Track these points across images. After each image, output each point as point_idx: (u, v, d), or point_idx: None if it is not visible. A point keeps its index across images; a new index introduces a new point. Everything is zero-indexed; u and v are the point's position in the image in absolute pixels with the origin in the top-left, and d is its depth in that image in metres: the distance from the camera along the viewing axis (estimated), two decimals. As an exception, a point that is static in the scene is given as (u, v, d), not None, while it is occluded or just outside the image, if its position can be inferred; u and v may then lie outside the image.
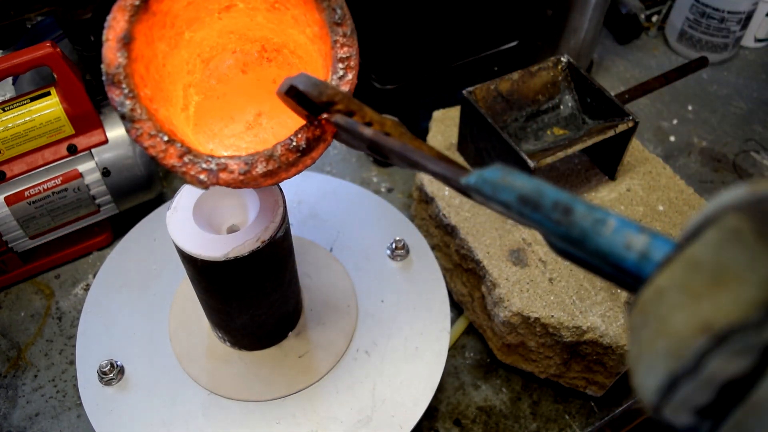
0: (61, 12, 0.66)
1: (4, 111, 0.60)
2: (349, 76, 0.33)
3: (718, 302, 0.15)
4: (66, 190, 0.64)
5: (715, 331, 0.14)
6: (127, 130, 0.33)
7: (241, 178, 0.32)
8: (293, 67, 0.42)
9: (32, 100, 0.61)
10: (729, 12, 0.89)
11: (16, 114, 0.60)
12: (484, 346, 0.64)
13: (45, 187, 0.63)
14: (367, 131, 0.28)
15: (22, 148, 0.61)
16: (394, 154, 0.27)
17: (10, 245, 0.65)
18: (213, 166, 0.32)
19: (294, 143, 0.32)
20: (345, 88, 0.33)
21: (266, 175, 0.33)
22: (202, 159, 0.33)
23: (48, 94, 0.61)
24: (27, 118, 0.60)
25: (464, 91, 0.61)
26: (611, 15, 0.97)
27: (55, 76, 0.60)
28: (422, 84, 0.73)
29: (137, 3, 0.33)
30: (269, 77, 0.42)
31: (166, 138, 0.33)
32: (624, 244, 0.19)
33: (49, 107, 0.61)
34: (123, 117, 0.33)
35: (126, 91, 0.33)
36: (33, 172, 0.63)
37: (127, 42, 0.33)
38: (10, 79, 0.71)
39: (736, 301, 0.14)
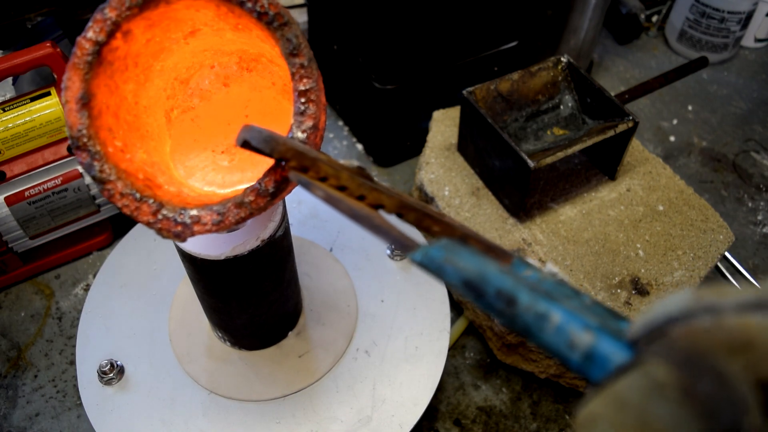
0: (61, 12, 0.66)
1: (4, 111, 0.60)
2: (312, 109, 0.32)
3: None
4: (66, 190, 0.64)
5: None
6: (100, 191, 0.33)
7: (215, 228, 0.32)
8: (274, 75, 0.41)
9: (32, 100, 0.61)
10: (729, 12, 0.89)
11: (16, 114, 0.60)
12: (484, 346, 0.64)
13: (45, 187, 0.63)
14: (319, 192, 0.27)
15: (22, 148, 0.61)
16: (346, 215, 0.27)
17: (10, 245, 0.65)
18: (187, 219, 0.32)
19: (263, 188, 0.32)
20: (309, 122, 0.32)
21: (238, 221, 0.32)
22: (176, 213, 0.33)
23: (48, 94, 0.62)
24: (27, 118, 0.60)
25: (464, 91, 0.61)
26: (611, 15, 0.97)
27: (55, 76, 0.60)
28: (422, 84, 0.73)
29: (88, 59, 0.32)
30: (252, 87, 0.41)
31: (138, 196, 0.33)
32: (567, 343, 0.18)
33: (49, 107, 0.61)
34: (93, 179, 0.33)
35: (93, 152, 0.32)
36: (33, 172, 0.63)
37: (86, 101, 0.32)
38: (10, 79, 0.71)
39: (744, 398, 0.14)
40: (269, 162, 0.32)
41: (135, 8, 0.32)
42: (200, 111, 0.41)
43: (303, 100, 0.32)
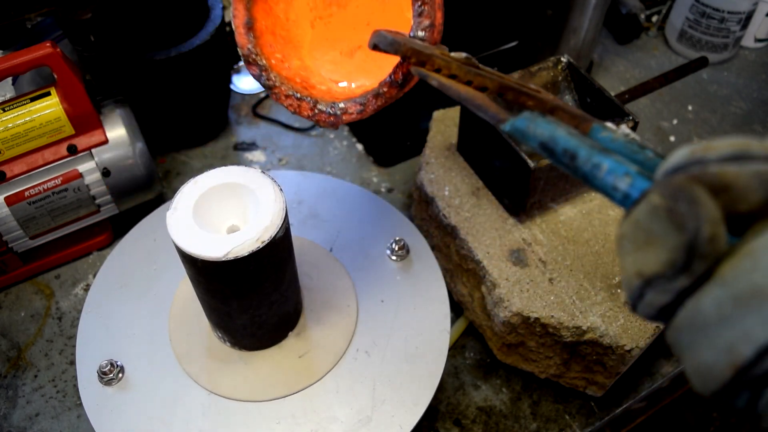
0: (61, 12, 0.66)
1: (4, 111, 0.60)
2: (427, 10, 0.37)
3: (647, 257, 0.21)
4: (66, 190, 0.64)
5: (645, 277, 0.21)
6: (268, 95, 0.42)
7: (359, 116, 0.40)
8: None
9: (32, 100, 0.61)
10: (729, 12, 0.89)
11: (16, 114, 0.60)
12: (484, 346, 0.64)
13: (45, 187, 0.63)
14: (434, 81, 0.34)
15: (22, 148, 0.61)
16: (454, 98, 0.33)
17: (10, 245, 0.65)
18: (337, 111, 0.40)
19: (393, 79, 0.38)
20: (426, 21, 0.37)
21: (376, 109, 0.40)
22: (328, 106, 0.40)
23: (48, 94, 0.62)
24: (27, 118, 0.60)
25: (464, 91, 0.61)
26: (611, 15, 0.97)
27: (55, 76, 0.60)
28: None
29: None
30: None
31: (298, 95, 0.41)
32: (612, 185, 0.23)
33: (49, 107, 0.61)
34: (263, 86, 0.42)
35: (261, 65, 0.42)
36: (33, 172, 0.63)
37: (250, 25, 0.41)
38: (10, 79, 0.71)
39: (656, 259, 0.20)
40: (385, 61, 0.38)
41: None
42: (336, 17, 0.47)
43: (419, 3, 0.37)
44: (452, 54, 0.35)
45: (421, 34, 0.37)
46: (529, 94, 0.32)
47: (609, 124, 0.28)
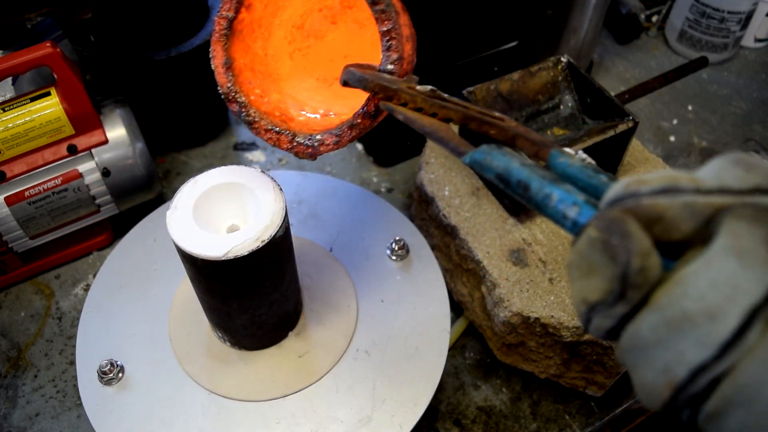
0: (61, 12, 0.66)
1: (4, 111, 0.60)
2: (394, 44, 0.39)
3: (590, 285, 0.22)
4: (66, 190, 0.64)
5: (589, 303, 0.22)
6: (249, 129, 0.44)
7: (336, 146, 0.41)
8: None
9: (32, 100, 0.61)
10: (729, 12, 0.89)
11: (16, 114, 0.60)
12: (484, 346, 0.64)
13: (45, 187, 0.63)
14: (400, 116, 0.36)
15: (22, 148, 0.61)
16: (419, 131, 0.35)
17: (10, 245, 0.65)
18: (315, 143, 0.42)
19: (366, 110, 0.40)
20: (394, 55, 0.39)
21: (351, 140, 0.41)
22: (306, 139, 0.42)
23: (48, 94, 0.61)
24: (27, 118, 0.60)
25: (464, 91, 0.61)
26: (611, 15, 0.97)
27: (55, 76, 0.60)
28: (422, 84, 0.73)
29: (224, 32, 0.42)
30: (354, 21, 0.48)
31: (277, 129, 0.43)
32: (562, 214, 0.25)
33: (49, 107, 0.61)
34: (244, 122, 0.44)
35: (240, 102, 0.43)
36: (33, 172, 0.63)
37: (229, 65, 0.43)
38: (10, 79, 0.71)
39: (597, 288, 0.22)
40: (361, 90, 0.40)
41: None
42: (314, 49, 0.49)
43: (387, 38, 0.39)
44: (418, 87, 0.37)
45: (390, 67, 0.39)
46: (491, 123, 0.34)
47: (567, 150, 0.29)
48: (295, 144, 0.43)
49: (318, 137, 0.42)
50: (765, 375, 0.18)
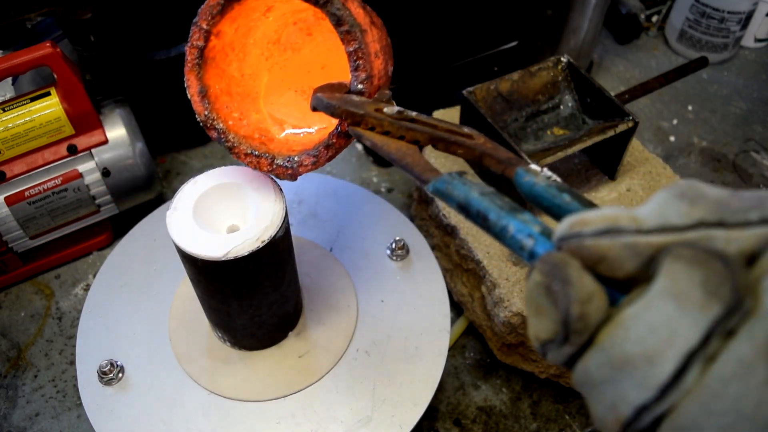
0: (61, 12, 0.66)
1: (4, 111, 0.60)
2: (362, 64, 0.39)
3: (539, 324, 0.23)
4: (66, 190, 0.64)
5: (540, 341, 0.23)
6: (230, 155, 0.44)
7: (314, 166, 0.42)
8: None
9: (32, 100, 0.61)
10: (729, 12, 0.89)
11: (16, 114, 0.60)
12: (484, 346, 0.64)
13: (45, 187, 0.63)
14: (367, 141, 0.36)
15: (22, 148, 0.61)
16: (386, 158, 0.36)
17: (10, 245, 0.65)
18: (294, 164, 0.42)
19: (340, 130, 0.40)
20: (363, 74, 0.39)
21: (328, 159, 0.42)
22: (285, 160, 0.43)
23: (48, 94, 0.61)
24: (27, 118, 0.60)
25: (464, 91, 0.61)
26: (611, 15, 0.97)
27: (55, 76, 0.60)
28: (422, 84, 0.73)
29: (197, 61, 0.42)
30: (330, 30, 0.47)
31: (256, 153, 0.43)
32: (519, 246, 0.26)
33: (49, 107, 0.61)
34: (224, 147, 0.44)
35: (219, 129, 0.44)
36: (33, 172, 0.63)
37: (204, 93, 0.43)
38: (10, 79, 0.71)
39: (545, 328, 0.22)
40: None
41: (218, 15, 0.41)
42: (291, 61, 0.48)
43: (354, 58, 0.39)
44: (385, 110, 0.37)
45: (360, 86, 0.39)
46: (458, 142, 0.34)
47: (533, 167, 0.30)
48: (275, 167, 0.43)
49: (296, 159, 0.42)
50: (702, 416, 0.19)
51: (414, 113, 0.37)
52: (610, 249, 0.22)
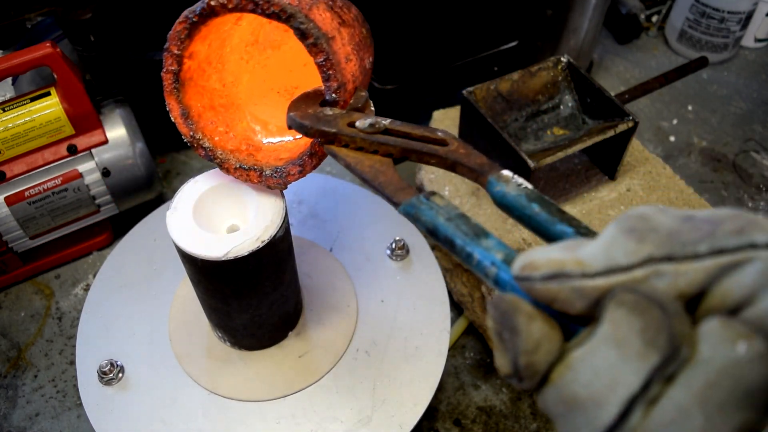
0: (61, 12, 0.66)
1: (4, 111, 0.60)
2: (332, 74, 0.38)
3: (499, 360, 0.24)
4: (66, 190, 0.64)
5: (503, 375, 0.24)
6: (221, 170, 0.45)
7: (301, 175, 0.43)
8: None
9: (32, 100, 0.61)
10: (729, 12, 0.89)
11: (16, 114, 0.60)
12: (484, 346, 0.64)
13: (45, 187, 0.63)
14: (341, 161, 0.36)
15: (22, 148, 0.61)
16: (359, 178, 0.35)
17: (10, 245, 0.65)
18: (282, 174, 0.43)
19: (314, 150, 0.41)
20: (334, 84, 0.38)
21: (314, 167, 0.42)
22: (273, 171, 0.43)
23: (48, 94, 0.62)
24: (27, 118, 0.60)
25: (464, 91, 0.61)
26: (611, 15, 0.97)
27: (55, 76, 0.60)
28: (422, 84, 0.73)
29: (174, 85, 0.42)
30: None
31: (246, 167, 0.44)
32: (483, 273, 0.26)
33: (49, 107, 0.61)
34: (215, 164, 0.44)
35: (206, 147, 0.44)
36: (33, 172, 0.63)
37: (186, 115, 0.43)
38: (10, 79, 0.71)
39: (503, 365, 0.24)
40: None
41: (186, 39, 0.40)
42: (272, 60, 0.48)
43: (323, 69, 0.38)
44: (358, 123, 0.37)
45: (333, 96, 0.39)
46: (431, 153, 0.34)
47: (505, 172, 0.30)
48: (264, 178, 0.44)
49: (284, 168, 0.43)
50: None
51: (387, 121, 0.36)
52: (559, 292, 0.22)
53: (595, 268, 0.22)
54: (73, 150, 0.63)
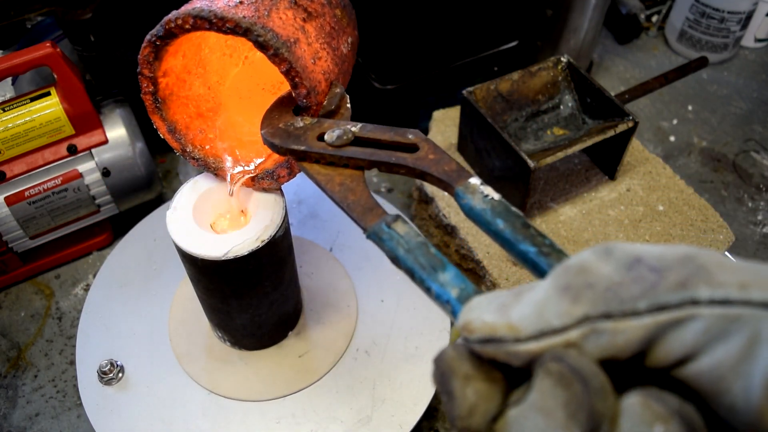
0: (61, 12, 0.66)
1: (4, 111, 0.60)
2: (299, 81, 0.38)
3: (447, 408, 0.24)
4: (66, 190, 0.64)
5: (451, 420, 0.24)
6: (216, 176, 0.45)
7: (289, 177, 0.44)
8: None
9: (32, 100, 0.61)
10: (729, 12, 0.89)
11: (16, 114, 0.60)
12: (484, 346, 0.64)
13: (45, 187, 0.63)
14: (313, 179, 0.37)
15: (22, 148, 0.61)
16: (330, 198, 0.36)
17: (10, 245, 0.65)
18: (273, 176, 0.44)
19: (289, 167, 0.42)
20: (303, 90, 0.38)
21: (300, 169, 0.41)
22: (263, 174, 0.44)
23: (48, 94, 0.62)
24: (27, 118, 0.60)
25: (464, 91, 0.61)
26: (611, 15, 0.97)
27: (55, 76, 0.60)
28: (422, 84, 0.73)
29: (156, 104, 0.42)
30: None
31: (239, 171, 0.44)
32: (441, 306, 0.27)
33: (49, 107, 0.61)
34: (210, 173, 0.45)
35: (197, 158, 0.45)
36: (33, 172, 0.63)
37: (174, 130, 0.44)
38: (10, 79, 0.71)
39: (449, 414, 0.23)
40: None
41: (155, 61, 0.40)
42: (256, 54, 0.47)
43: (289, 77, 0.38)
44: (326, 136, 0.36)
45: (304, 102, 0.39)
46: (399, 164, 0.34)
47: (472, 181, 0.30)
48: (257, 181, 0.44)
49: (274, 171, 0.44)
50: None
51: (357, 128, 0.36)
52: (495, 354, 0.23)
53: (526, 333, 0.22)
54: (73, 150, 0.63)
